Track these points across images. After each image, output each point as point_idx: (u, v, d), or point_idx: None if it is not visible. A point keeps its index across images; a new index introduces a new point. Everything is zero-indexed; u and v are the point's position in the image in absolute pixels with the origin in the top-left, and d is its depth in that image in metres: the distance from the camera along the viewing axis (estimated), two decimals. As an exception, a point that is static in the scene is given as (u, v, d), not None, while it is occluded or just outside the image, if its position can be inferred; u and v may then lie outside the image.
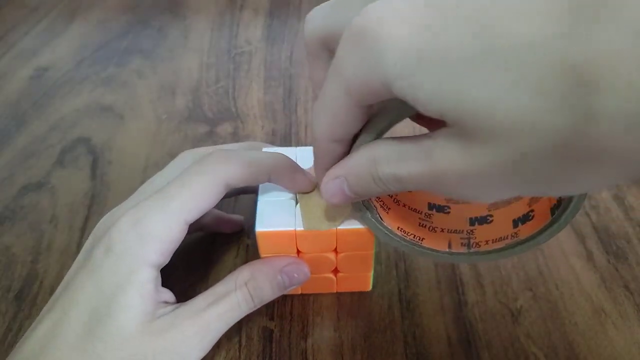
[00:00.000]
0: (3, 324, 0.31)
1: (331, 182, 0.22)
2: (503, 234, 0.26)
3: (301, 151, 0.31)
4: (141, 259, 0.25)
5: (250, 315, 0.31)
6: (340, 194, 0.22)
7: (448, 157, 0.17)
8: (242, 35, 0.57)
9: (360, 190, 0.22)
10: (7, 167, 0.41)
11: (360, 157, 0.21)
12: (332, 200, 0.23)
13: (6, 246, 0.35)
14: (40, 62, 0.53)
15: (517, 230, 0.25)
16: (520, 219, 0.25)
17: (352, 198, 0.22)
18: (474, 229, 0.27)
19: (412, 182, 0.19)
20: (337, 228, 0.27)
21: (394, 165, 0.20)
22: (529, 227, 0.25)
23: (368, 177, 0.21)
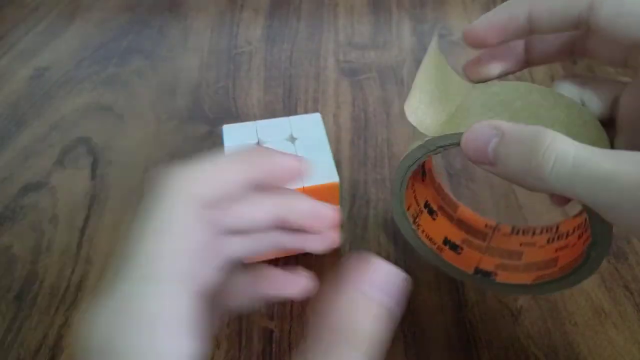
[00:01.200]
0: (3, 324, 0.31)
1: (482, 128, 0.19)
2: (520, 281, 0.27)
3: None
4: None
5: (250, 315, 0.31)
6: (482, 149, 0.19)
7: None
8: (242, 35, 0.57)
9: (505, 159, 0.19)
10: (7, 167, 0.41)
11: (537, 126, 0.18)
12: (469, 152, 0.20)
13: (6, 246, 0.35)
14: (40, 62, 0.53)
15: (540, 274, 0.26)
16: (540, 267, 0.26)
17: (488, 163, 0.19)
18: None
19: (583, 179, 0.16)
20: (303, 186, 0.29)
21: (582, 150, 0.17)
22: (553, 272, 0.25)
23: (531, 142, 0.18)
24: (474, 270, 0.28)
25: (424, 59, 0.24)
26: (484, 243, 0.29)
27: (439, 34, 0.56)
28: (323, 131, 0.33)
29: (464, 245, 0.29)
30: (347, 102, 0.47)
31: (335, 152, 0.42)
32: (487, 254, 0.29)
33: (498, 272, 0.28)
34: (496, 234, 0.29)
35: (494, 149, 0.19)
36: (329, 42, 0.55)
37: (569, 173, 0.17)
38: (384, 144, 0.42)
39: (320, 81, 0.50)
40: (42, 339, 0.30)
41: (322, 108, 0.46)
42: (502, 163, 0.19)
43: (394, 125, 0.44)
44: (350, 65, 0.52)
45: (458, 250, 0.29)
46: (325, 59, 0.53)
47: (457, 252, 0.29)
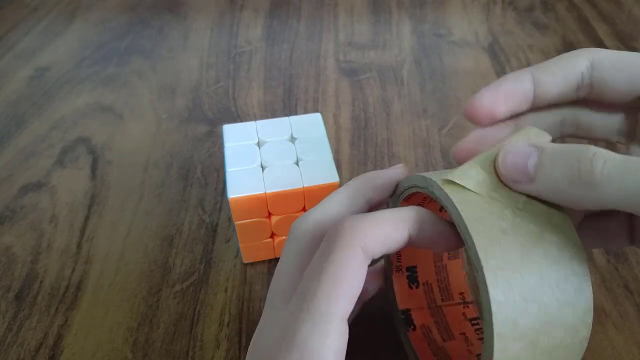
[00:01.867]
0: (3, 324, 0.31)
1: (522, 145, 0.19)
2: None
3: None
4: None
5: (250, 315, 0.31)
6: (521, 163, 0.19)
7: None
8: (242, 35, 0.57)
9: (549, 171, 0.18)
10: (7, 167, 0.41)
11: (574, 146, 0.18)
12: (506, 164, 0.19)
13: (6, 246, 0.35)
14: (40, 62, 0.53)
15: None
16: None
17: (526, 180, 0.19)
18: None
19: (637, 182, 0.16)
20: (303, 186, 0.28)
21: (622, 157, 0.17)
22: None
23: (576, 152, 0.18)
24: (404, 310, 0.27)
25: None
26: (440, 301, 0.28)
27: (437, 34, 0.56)
28: (323, 131, 0.33)
29: (423, 286, 0.28)
30: (347, 102, 0.47)
31: (335, 152, 0.42)
32: (430, 310, 0.28)
33: (417, 332, 0.27)
34: (458, 307, 0.28)
35: (535, 164, 0.19)
36: (329, 42, 0.55)
37: (620, 170, 0.16)
38: (384, 144, 0.42)
39: (320, 81, 0.50)
40: (42, 339, 0.30)
41: (322, 108, 0.46)
42: (544, 176, 0.19)
43: (394, 125, 0.44)
44: (350, 65, 0.52)
45: (413, 286, 0.28)
46: (325, 59, 0.53)
47: (411, 286, 0.28)
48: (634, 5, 0.60)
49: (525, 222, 0.19)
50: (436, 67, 0.51)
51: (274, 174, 0.30)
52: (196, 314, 0.31)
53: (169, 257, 0.34)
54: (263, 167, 0.31)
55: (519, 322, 0.17)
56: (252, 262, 0.33)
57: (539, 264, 0.18)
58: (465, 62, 0.51)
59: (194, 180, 0.40)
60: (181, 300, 0.32)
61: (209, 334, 0.30)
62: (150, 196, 0.38)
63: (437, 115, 0.45)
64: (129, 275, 0.33)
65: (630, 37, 0.54)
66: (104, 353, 0.29)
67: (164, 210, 0.37)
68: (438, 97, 0.47)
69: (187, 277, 0.33)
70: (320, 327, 0.18)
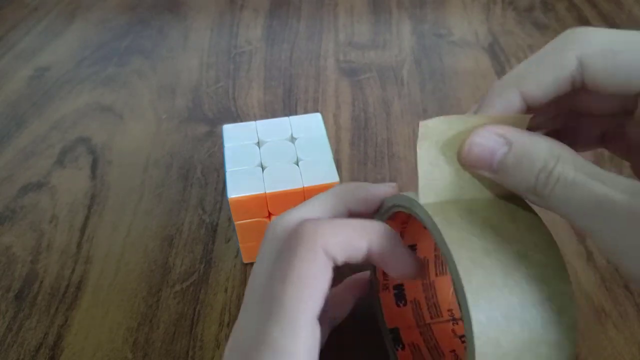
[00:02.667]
0: (3, 324, 0.31)
1: (490, 135, 0.19)
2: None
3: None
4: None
5: (250, 315, 0.31)
6: (487, 158, 0.19)
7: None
8: (242, 35, 0.57)
9: (511, 172, 0.19)
10: (7, 167, 0.41)
11: (542, 142, 0.19)
12: (471, 156, 0.20)
13: (6, 246, 0.35)
14: (40, 62, 0.53)
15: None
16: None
17: (493, 171, 0.19)
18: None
19: (577, 202, 0.17)
20: (303, 186, 0.28)
21: (582, 174, 0.17)
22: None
23: (537, 162, 0.18)
24: (392, 328, 0.27)
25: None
26: (428, 318, 0.28)
27: (437, 34, 0.56)
28: (323, 131, 0.33)
29: (411, 304, 0.28)
30: (347, 102, 0.47)
31: (335, 152, 0.42)
32: (419, 328, 0.27)
33: (406, 350, 0.27)
34: (447, 325, 0.28)
35: (500, 160, 0.19)
36: (329, 42, 0.55)
37: (565, 195, 0.17)
38: (384, 144, 0.42)
39: (320, 81, 0.50)
40: (42, 339, 0.30)
41: (322, 108, 0.46)
42: (505, 174, 0.19)
43: (394, 125, 0.44)
44: (350, 65, 0.52)
45: (401, 303, 0.28)
46: (325, 59, 0.53)
47: (399, 304, 0.28)
48: (634, 5, 0.60)
49: (508, 240, 0.19)
50: (436, 67, 0.51)
51: (274, 174, 0.30)
52: (196, 314, 0.31)
53: (169, 257, 0.34)
54: (263, 167, 0.31)
55: (502, 341, 0.18)
56: (252, 262, 0.33)
57: (522, 283, 0.18)
58: (465, 62, 0.51)
59: (194, 180, 0.40)
60: (181, 300, 0.32)
61: (209, 334, 0.30)
62: (150, 196, 0.38)
63: (437, 115, 0.45)
64: (129, 275, 0.33)
65: (630, 37, 0.54)
66: (104, 353, 0.29)
67: (164, 210, 0.37)
68: (438, 97, 0.47)
69: (187, 277, 0.33)
70: (290, 328, 0.19)
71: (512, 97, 0.20)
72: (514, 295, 0.18)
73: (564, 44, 0.19)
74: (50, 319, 0.31)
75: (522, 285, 0.18)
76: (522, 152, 0.19)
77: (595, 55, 0.18)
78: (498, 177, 0.19)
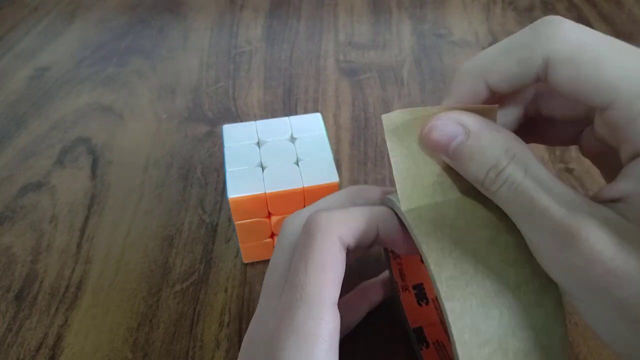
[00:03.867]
0: (3, 324, 0.31)
1: (449, 120, 0.20)
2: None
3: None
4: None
5: (251, 315, 0.31)
6: (444, 143, 0.20)
7: (601, 241, 0.15)
8: (242, 35, 0.57)
9: (465, 161, 0.19)
10: (7, 167, 0.41)
11: (500, 139, 0.19)
12: (429, 139, 0.20)
13: (6, 246, 0.35)
14: (40, 62, 0.53)
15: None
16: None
17: (448, 157, 0.20)
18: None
19: (519, 208, 0.18)
20: (303, 186, 0.29)
21: (530, 180, 0.18)
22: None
23: (490, 159, 0.18)
24: (416, 328, 0.27)
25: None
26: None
27: (437, 34, 0.56)
28: (323, 131, 0.33)
29: (433, 302, 0.28)
30: (347, 102, 0.47)
31: (335, 152, 0.42)
32: (442, 325, 0.27)
33: (430, 349, 0.27)
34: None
35: (455, 148, 0.19)
36: (329, 42, 0.55)
37: (509, 198, 0.18)
38: (384, 144, 0.42)
39: (320, 81, 0.50)
40: (42, 339, 0.30)
41: (322, 108, 0.46)
42: (458, 162, 0.20)
43: (394, 125, 0.44)
44: (350, 65, 0.52)
45: (422, 302, 0.28)
46: (325, 59, 0.53)
47: (420, 303, 0.28)
48: (634, 5, 0.60)
49: (479, 228, 0.19)
50: (436, 67, 0.51)
51: (274, 174, 0.30)
52: (196, 314, 0.31)
53: (169, 257, 0.34)
54: (263, 167, 0.31)
55: (481, 328, 0.17)
56: (252, 262, 0.33)
57: (495, 268, 0.18)
58: (465, 62, 0.51)
59: (194, 180, 0.40)
60: (181, 300, 0.32)
61: (209, 334, 0.30)
62: (150, 196, 0.38)
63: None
64: (129, 275, 0.33)
65: (630, 37, 0.54)
66: (104, 353, 0.29)
67: (164, 210, 0.37)
68: (438, 97, 0.47)
69: (187, 277, 0.33)
70: (315, 311, 0.20)
71: (478, 85, 0.20)
72: (488, 281, 0.18)
73: (533, 39, 0.19)
74: (50, 319, 0.31)
75: (496, 270, 0.18)
76: (478, 146, 0.19)
77: (561, 62, 0.18)
78: (452, 163, 0.20)
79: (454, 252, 0.18)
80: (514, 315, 0.18)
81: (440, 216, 0.20)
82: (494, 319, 0.18)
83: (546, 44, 0.18)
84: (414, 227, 0.19)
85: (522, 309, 0.18)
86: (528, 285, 0.18)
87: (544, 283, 0.18)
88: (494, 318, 0.18)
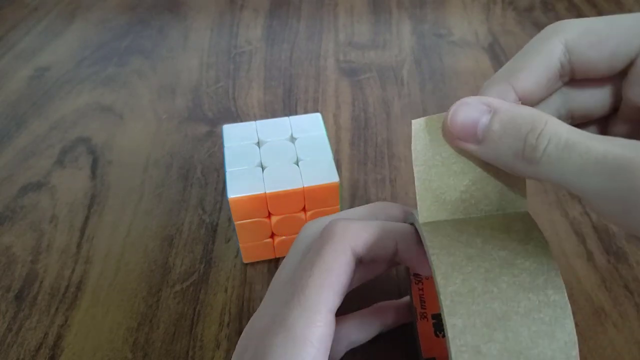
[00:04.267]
0: (3, 324, 0.31)
1: (473, 102, 0.19)
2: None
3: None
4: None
5: (250, 315, 0.31)
6: (471, 125, 0.18)
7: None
8: (242, 35, 0.57)
9: (497, 138, 0.18)
10: (7, 167, 0.41)
11: (528, 108, 0.18)
12: (454, 125, 0.19)
13: (6, 246, 0.35)
14: (40, 62, 0.53)
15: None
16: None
17: (473, 141, 0.19)
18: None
19: (575, 162, 0.16)
20: (303, 186, 0.29)
21: (574, 132, 0.16)
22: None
23: (525, 125, 0.17)
24: (428, 358, 0.27)
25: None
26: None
27: (437, 34, 0.56)
28: (323, 131, 0.33)
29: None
30: (347, 102, 0.47)
31: (335, 152, 0.42)
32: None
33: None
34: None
35: (485, 127, 0.18)
36: (329, 42, 0.55)
37: (560, 155, 0.16)
38: (384, 144, 0.42)
39: (320, 81, 0.50)
40: (42, 339, 0.30)
41: (322, 108, 0.46)
42: (491, 142, 0.18)
43: (393, 125, 0.44)
44: (350, 65, 0.52)
45: (440, 334, 0.27)
46: (325, 59, 0.53)
47: (437, 334, 0.27)
48: (634, 5, 0.60)
49: (495, 248, 0.18)
50: (436, 67, 0.51)
51: (274, 174, 0.30)
52: (196, 314, 0.31)
53: (169, 257, 0.34)
54: (263, 167, 0.31)
55: (482, 349, 0.17)
56: (252, 262, 0.33)
57: (507, 291, 0.17)
58: (465, 62, 0.51)
59: (194, 180, 0.40)
60: (181, 300, 0.32)
61: (209, 334, 0.30)
62: (150, 196, 0.38)
63: (437, 115, 0.45)
64: (129, 275, 0.33)
65: (630, 37, 0.54)
66: (104, 353, 0.29)
67: (164, 210, 0.37)
68: (438, 97, 0.47)
69: (187, 277, 0.33)
70: (308, 314, 0.20)
71: (505, 91, 0.20)
72: (496, 302, 0.17)
73: (548, 35, 0.20)
74: (50, 319, 0.31)
75: (507, 293, 0.17)
76: (508, 117, 0.18)
77: (579, 38, 0.19)
78: (483, 149, 0.19)
79: (465, 268, 0.18)
80: (519, 342, 0.17)
81: (458, 232, 0.19)
82: (497, 343, 0.17)
83: (561, 33, 0.19)
84: (428, 239, 0.19)
85: (529, 338, 0.17)
86: (540, 313, 0.17)
87: (558, 313, 0.17)
88: (498, 341, 0.17)
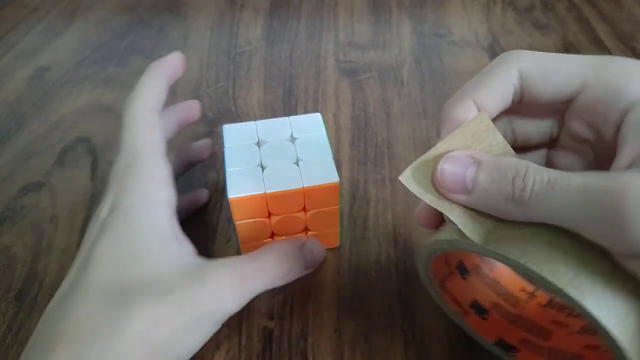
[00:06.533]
0: (3, 323, 0.31)
1: (457, 157, 0.20)
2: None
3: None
4: (147, 201, 0.26)
5: (250, 315, 0.31)
6: (459, 179, 0.20)
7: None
8: (242, 35, 0.57)
9: (486, 184, 0.19)
10: (7, 167, 0.41)
11: (507, 157, 0.20)
12: (444, 181, 0.20)
13: (6, 246, 0.35)
14: (40, 62, 0.53)
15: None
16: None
17: (463, 192, 0.20)
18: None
19: (560, 197, 0.18)
20: (303, 186, 0.29)
21: (552, 172, 0.18)
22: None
23: (509, 171, 0.19)
24: (496, 341, 0.27)
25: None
26: (513, 309, 0.27)
27: (437, 34, 0.56)
28: (323, 131, 0.33)
29: (492, 310, 0.27)
30: (347, 102, 0.47)
31: (335, 152, 0.42)
32: (514, 324, 0.27)
33: (521, 349, 0.26)
34: (530, 302, 0.27)
35: (473, 176, 0.20)
36: (329, 42, 0.55)
37: (546, 192, 0.18)
38: (384, 144, 0.42)
39: (320, 81, 0.50)
40: (42, 339, 0.30)
41: (322, 108, 0.46)
42: (481, 190, 0.20)
43: (394, 125, 0.44)
44: (350, 65, 0.52)
45: (484, 315, 0.27)
46: (325, 59, 0.53)
47: (483, 317, 0.27)
48: (634, 5, 0.60)
49: (576, 249, 0.19)
50: (436, 67, 0.51)
51: (274, 174, 0.30)
52: (196, 314, 0.31)
53: (169, 257, 0.34)
54: (263, 167, 0.31)
55: (617, 303, 0.18)
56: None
57: (613, 280, 0.19)
58: (465, 62, 0.51)
59: (193, 180, 0.39)
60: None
61: (209, 334, 0.30)
62: (150, 196, 0.38)
63: (437, 115, 0.45)
64: (129, 275, 0.33)
65: (630, 37, 0.54)
66: (104, 353, 0.29)
67: (164, 210, 0.37)
68: (438, 97, 0.47)
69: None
70: (127, 126, 0.30)
71: (468, 106, 0.22)
72: (616, 292, 0.18)
73: (505, 61, 0.22)
74: (50, 319, 0.31)
75: (611, 279, 0.19)
76: (492, 166, 0.20)
77: (531, 68, 0.21)
78: (473, 198, 0.20)
79: (559, 261, 0.18)
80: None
81: (521, 230, 0.20)
82: (623, 299, 0.18)
83: (518, 61, 0.22)
84: (527, 261, 0.19)
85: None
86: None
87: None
88: (624, 300, 0.18)
